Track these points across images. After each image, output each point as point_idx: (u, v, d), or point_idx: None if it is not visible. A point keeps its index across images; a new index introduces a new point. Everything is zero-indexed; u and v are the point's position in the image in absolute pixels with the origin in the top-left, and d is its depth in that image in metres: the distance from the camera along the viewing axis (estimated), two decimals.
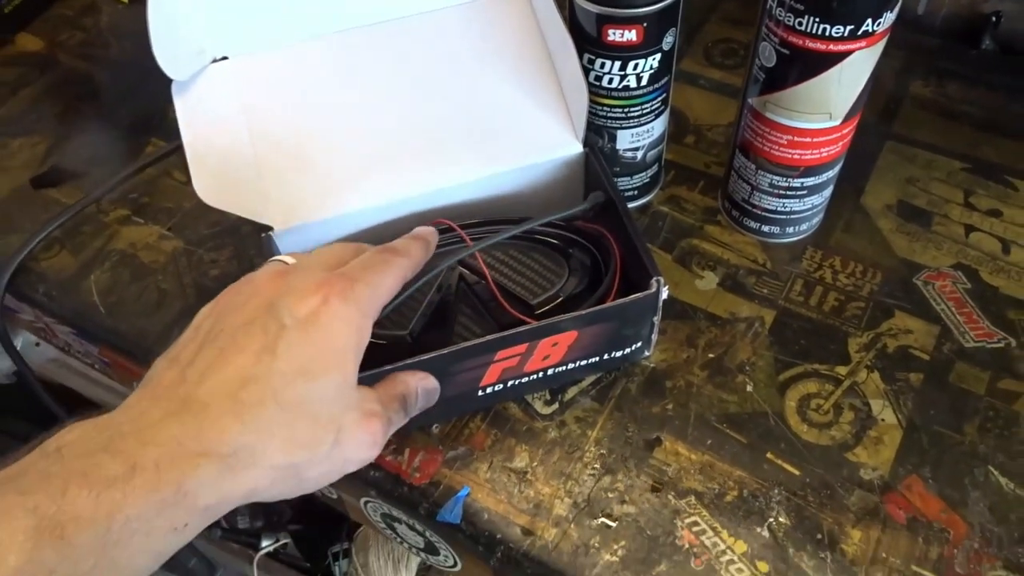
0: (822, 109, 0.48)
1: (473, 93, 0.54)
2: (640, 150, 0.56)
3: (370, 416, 0.38)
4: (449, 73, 0.54)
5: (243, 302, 0.37)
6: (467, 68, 0.54)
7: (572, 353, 0.49)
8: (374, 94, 0.53)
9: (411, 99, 0.53)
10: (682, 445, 0.49)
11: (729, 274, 0.57)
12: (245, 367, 0.34)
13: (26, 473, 0.30)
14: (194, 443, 0.32)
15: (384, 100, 0.53)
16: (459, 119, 0.53)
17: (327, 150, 0.52)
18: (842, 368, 0.52)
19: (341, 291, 0.37)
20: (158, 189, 0.64)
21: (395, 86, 0.54)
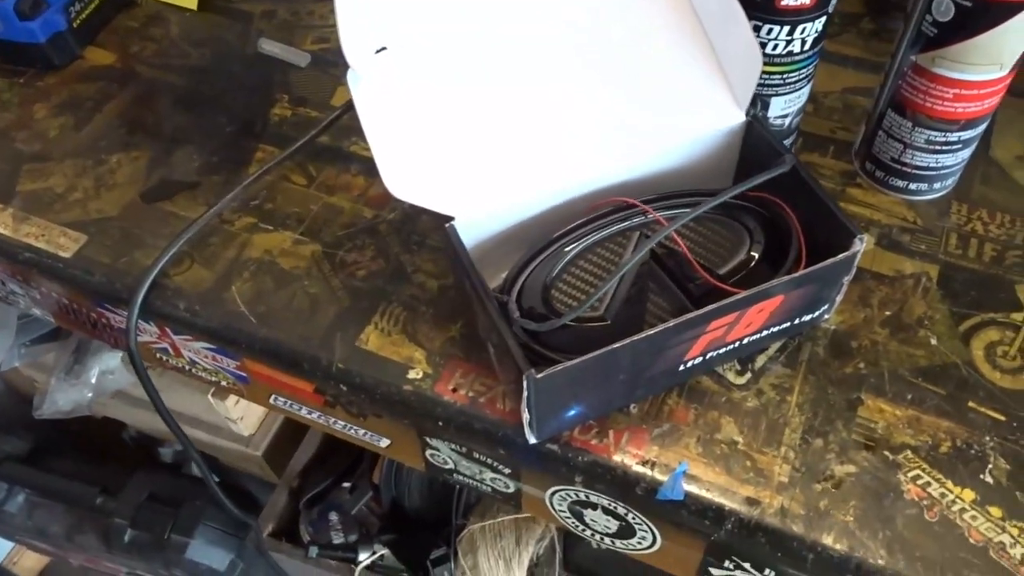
0: (995, 60, 0.49)
1: (633, 70, 0.53)
2: (789, 116, 0.56)
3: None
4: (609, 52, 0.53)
5: None
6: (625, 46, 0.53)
7: (772, 319, 0.49)
8: (540, 78, 0.52)
9: (570, 75, 0.53)
10: (884, 402, 0.49)
11: (884, 234, 0.57)
12: None
13: None
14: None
15: (545, 79, 0.52)
16: (624, 96, 0.53)
17: (499, 137, 0.51)
18: (1017, 315, 0.53)
19: None
20: (280, 194, 0.62)
21: (553, 63, 0.53)
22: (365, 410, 0.56)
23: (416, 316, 0.55)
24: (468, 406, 0.51)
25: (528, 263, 0.50)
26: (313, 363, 0.53)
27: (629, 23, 0.54)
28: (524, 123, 0.51)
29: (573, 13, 0.53)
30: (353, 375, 0.53)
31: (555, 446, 0.49)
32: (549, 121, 0.52)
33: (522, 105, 0.52)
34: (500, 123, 0.51)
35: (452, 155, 0.49)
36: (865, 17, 0.72)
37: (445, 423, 0.51)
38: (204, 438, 1.01)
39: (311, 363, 0.54)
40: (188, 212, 0.61)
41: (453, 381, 0.52)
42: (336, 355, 0.53)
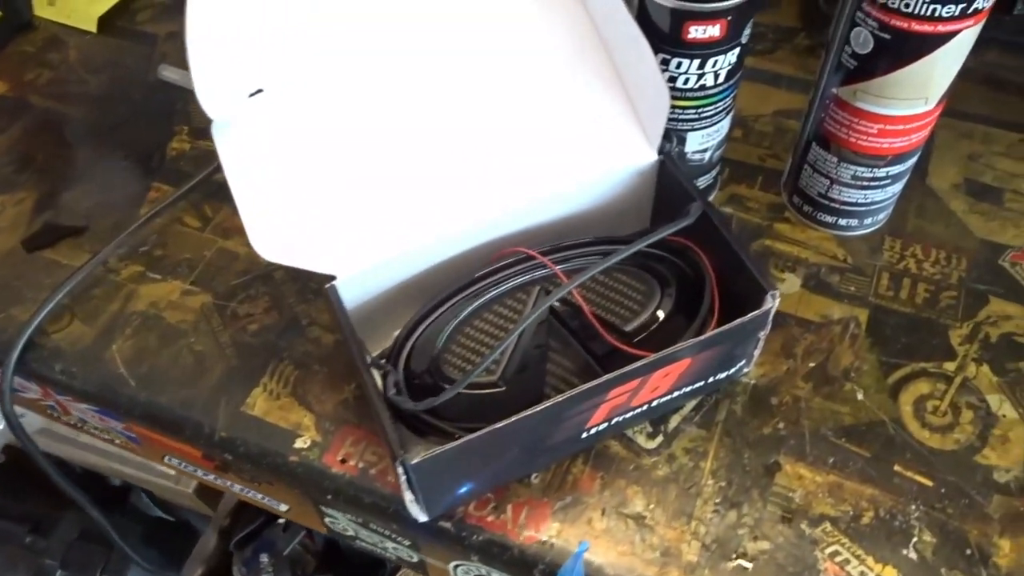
0: (919, 94, 0.45)
1: (531, 103, 0.49)
2: (708, 151, 0.52)
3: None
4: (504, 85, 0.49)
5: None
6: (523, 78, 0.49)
7: (681, 381, 0.45)
8: (424, 114, 0.48)
9: (469, 118, 0.48)
10: (803, 466, 0.46)
11: (811, 274, 0.54)
12: None
13: None
14: None
15: (435, 120, 0.48)
16: (523, 135, 0.49)
17: (382, 182, 0.47)
18: (950, 364, 0.49)
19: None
20: (171, 239, 0.58)
21: (448, 106, 0.48)
22: (256, 477, 0.52)
23: (308, 375, 0.51)
24: (358, 478, 0.47)
25: (419, 323, 0.46)
26: (195, 430, 0.49)
27: (529, 57, 0.49)
28: (413, 169, 0.47)
29: (465, 48, 0.49)
30: (237, 444, 0.49)
31: (448, 524, 0.45)
32: (442, 166, 0.48)
33: (410, 150, 0.47)
34: (385, 171, 0.47)
35: (330, 208, 0.45)
36: (801, 32, 0.68)
37: (335, 495, 0.47)
38: (136, 474, 0.97)
39: (193, 430, 0.50)
40: (72, 260, 0.57)
41: (343, 450, 0.48)
42: (219, 422, 0.49)
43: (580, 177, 0.49)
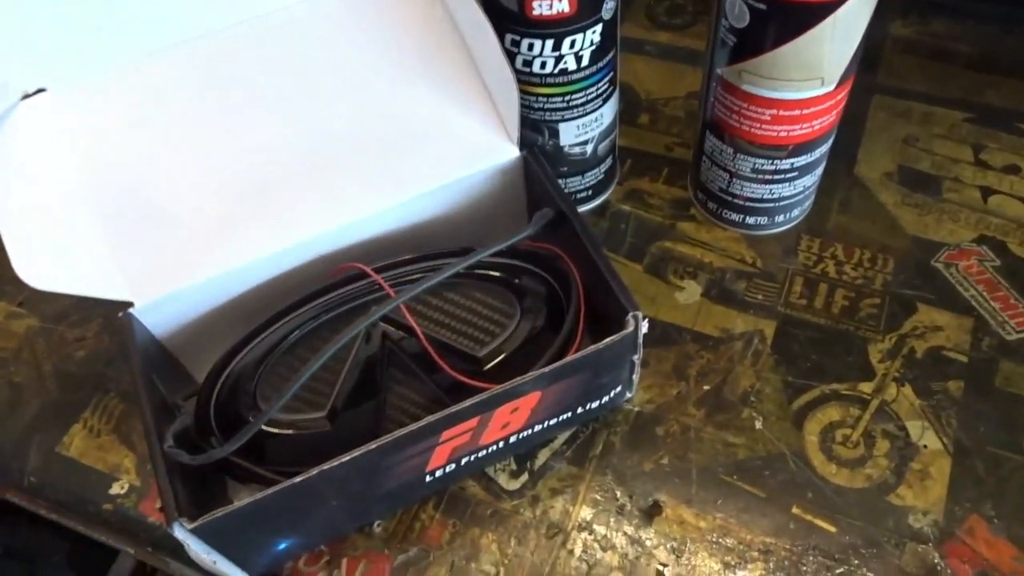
0: (812, 74, 0.38)
1: (377, 100, 0.43)
2: (589, 143, 0.46)
3: None
4: (342, 78, 0.43)
5: None
6: (364, 70, 0.43)
7: (537, 415, 0.39)
8: (246, 115, 0.41)
9: (295, 116, 0.42)
10: (687, 509, 0.39)
11: (714, 280, 0.47)
12: None
13: None
14: None
15: (260, 121, 0.42)
16: (364, 135, 0.42)
17: (193, 192, 0.40)
18: (866, 385, 0.43)
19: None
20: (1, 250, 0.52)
21: (273, 101, 0.42)
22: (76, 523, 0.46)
23: (133, 410, 0.45)
24: None
25: (234, 353, 0.40)
26: (5, 473, 0.44)
27: (369, 38, 0.43)
28: (228, 170, 0.41)
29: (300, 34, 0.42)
30: (47, 490, 0.43)
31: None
32: (265, 166, 0.41)
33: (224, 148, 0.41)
34: (194, 173, 0.41)
35: (126, 222, 0.39)
36: None
37: (154, 547, 0.42)
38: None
39: (2, 473, 0.44)
40: None
41: None
42: (29, 465, 0.43)
43: (434, 180, 0.42)
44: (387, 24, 0.43)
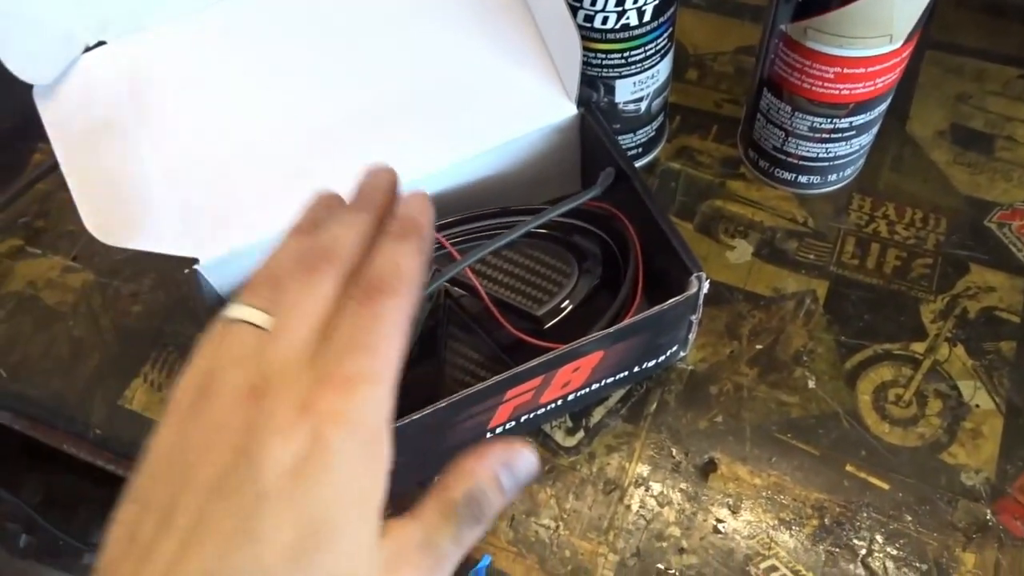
0: (881, 31, 0.38)
1: (435, 57, 0.42)
2: (644, 100, 0.45)
3: (407, 568, 0.27)
4: (400, 34, 0.42)
5: (205, 443, 0.25)
6: (422, 26, 0.42)
7: (597, 374, 0.39)
8: (305, 71, 0.41)
9: (354, 72, 0.42)
10: (741, 467, 0.40)
11: (765, 240, 0.47)
12: (217, 566, 0.23)
13: None
14: None
15: (319, 77, 0.41)
16: (421, 91, 0.42)
17: (255, 150, 0.40)
18: (918, 345, 0.43)
19: (335, 415, 0.24)
20: (54, 208, 0.52)
21: (331, 57, 0.42)
22: None
23: None
24: None
25: None
26: (69, 425, 0.45)
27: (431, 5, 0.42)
28: (290, 130, 0.41)
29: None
30: (113, 443, 0.44)
31: None
32: (326, 125, 0.41)
33: (285, 107, 0.41)
34: (257, 132, 0.40)
35: (191, 180, 0.39)
36: None
37: None
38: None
39: (67, 425, 0.45)
40: None
41: None
42: (93, 417, 0.44)
43: (493, 138, 0.42)
44: None
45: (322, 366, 0.25)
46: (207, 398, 0.25)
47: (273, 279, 0.28)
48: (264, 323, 0.26)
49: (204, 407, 0.25)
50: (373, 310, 0.27)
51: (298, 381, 0.25)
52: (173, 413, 0.26)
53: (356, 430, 0.24)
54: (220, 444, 0.24)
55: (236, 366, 0.26)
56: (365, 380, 0.25)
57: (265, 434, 0.24)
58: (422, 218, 0.30)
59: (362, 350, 0.26)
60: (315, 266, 0.27)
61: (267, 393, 0.25)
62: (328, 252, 0.28)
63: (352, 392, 0.25)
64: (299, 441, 0.24)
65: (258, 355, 0.26)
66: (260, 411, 0.24)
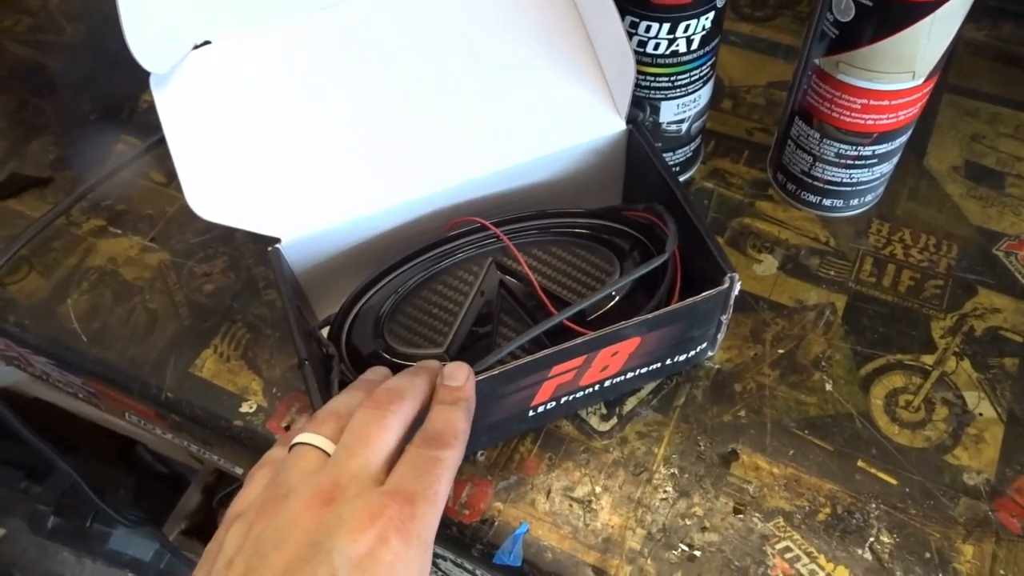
0: (905, 67, 0.42)
1: (495, 68, 0.47)
2: (685, 122, 0.50)
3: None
4: (466, 46, 0.47)
5: (282, 535, 0.29)
6: (486, 40, 0.47)
7: (633, 361, 0.43)
8: (383, 75, 0.46)
9: (425, 79, 0.46)
10: (761, 457, 0.44)
11: (789, 256, 0.51)
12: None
13: None
14: None
15: (395, 82, 0.46)
16: (483, 100, 0.46)
17: (334, 143, 0.45)
18: (928, 357, 0.47)
19: (401, 522, 0.29)
20: (135, 193, 0.57)
21: (406, 65, 0.46)
22: (205, 439, 0.51)
23: (259, 339, 0.49)
24: None
25: (364, 291, 0.44)
26: (143, 389, 0.49)
27: (495, 13, 0.47)
28: (369, 132, 0.45)
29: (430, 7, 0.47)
30: (183, 405, 0.48)
31: None
32: (400, 130, 0.46)
33: (367, 112, 0.45)
34: (340, 132, 0.45)
35: (278, 169, 0.44)
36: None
37: None
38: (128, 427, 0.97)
39: (141, 388, 0.49)
40: (36, 212, 0.56)
41: (288, 417, 0.46)
42: (167, 382, 0.48)
43: (545, 147, 0.46)
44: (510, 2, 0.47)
45: (389, 484, 0.30)
46: (279, 503, 0.30)
47: (338, 415, 0.33)
48: (330, 449, 0.32)
49: (278, 510, 0.30)
50: (432, 455, 0.32)
51: (368, 492, 0.30)
52: (241, 517, 0.30)
53: (413, 539, 0.29)
54: (295, 538, 0.28)
55: (309, 476, 0.31)
56: (426, 500, 0.30)
57: (338, 530, 0.28)
58: (468, 387, 0.36)
59: (423, 478, 0.31)
60: (380, 406, 0.33)
61: (339, 499, 0.29)
62: (394, 396, 0.34)
63: (414, 507, 0.30)
64: (367, 540, 0.28)
65: (331, 469, 0.31)
66: (332, 513, 0.29)
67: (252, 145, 0.43)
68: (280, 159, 0.44)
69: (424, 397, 0.35)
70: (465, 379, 0.36)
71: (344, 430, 0.32)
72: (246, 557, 0.29)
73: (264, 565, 0.28)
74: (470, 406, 0.36)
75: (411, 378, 0.36)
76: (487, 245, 0.45)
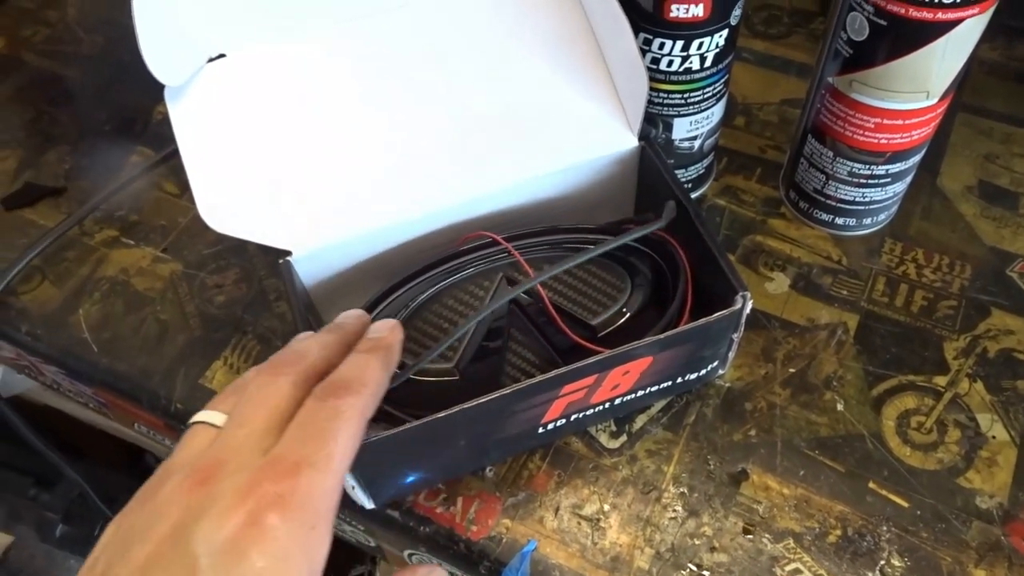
0: (920, 87, 0.42)
1: (509, 82, 0.47)
2: (698, 139, 0.50)
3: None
4: (479, 60, 0.47)
5: (148, 525, 0.25)
6: (500, 54, 0.47)
7: (644, 380, 0.43)
8: (395, 89, 0.46)
9: (439, 93, 0.46)
10: (771, 478, 0.43)
11: (801, 274, 0.51)
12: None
13: None
14: None
15: (407, 96, 0.46)
16: (495, 114, 0.46)
17: (346, 158, 0.45)
18: (940, 378, 0.46)
19: (278, 497, 0.25)
20: (148, 204, 0.57)
21: (418, 78, 0.46)
22: None
23: (270, 351, 0.49)
24: None
25: (375, 304, 0.44)
26: (152, 399, 0.49)
27: (508, 28, 0.47)
28: (380, 146, 0.45)
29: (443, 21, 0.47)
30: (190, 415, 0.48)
31: (397, 513, 0.44)
32: (411, 144, 0.46)
33: (379, 126, 0.46)
34: (352, 146, 0.45)
35: (290, 181, 0.44)
36: (819, 17, 0.65)
37: None
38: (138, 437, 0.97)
39: (151, 399, 0.49)
40: (50, 221, 0.57)
41: None
42: (176, 393, 0.48)
43: (557, 162, 0.46)
44: (524, 16, 0.47)
45: (272, 453, 0.26)
46: (156, 490, 0.26)
47: (239, 388, 0.30)
48: (222, 423, 0.28)
49: (152, 495, 0.26)
50: (329, 404, 0.28)
51: (246, 467, 0.26)
52: (127, 507, 0.27)
53: (295, 514, 0.25)
54: (160, 526, 0.25)
55: (189, 457, 0.27)
56: (312, 466, 0.26)
57: (203, 515, 0.24)
58: (390, 336, 0.33)
59: (313, 439, 0.27)
60: (276, 369, 0.29)
61: (213, 478, 0.26)
62: (289, 357, 0.30)
63: (295, 477, 0.25)
64: (234, 521, 0.24)
65: (215, 444, 0.27)
66: (205, 495, 0.25)
67: (265, 158, 0.43)
68: (292, 172, 0.44)
69: (335, 356, 0.31)
70: (389, 331, 0.33)
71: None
72: (108, 555, 0.26)
73: (123, 562, 0.25)
74: (389, 356, 0.32)
75: (321, 335, 0.32)
76: (498, 260, 0.45)
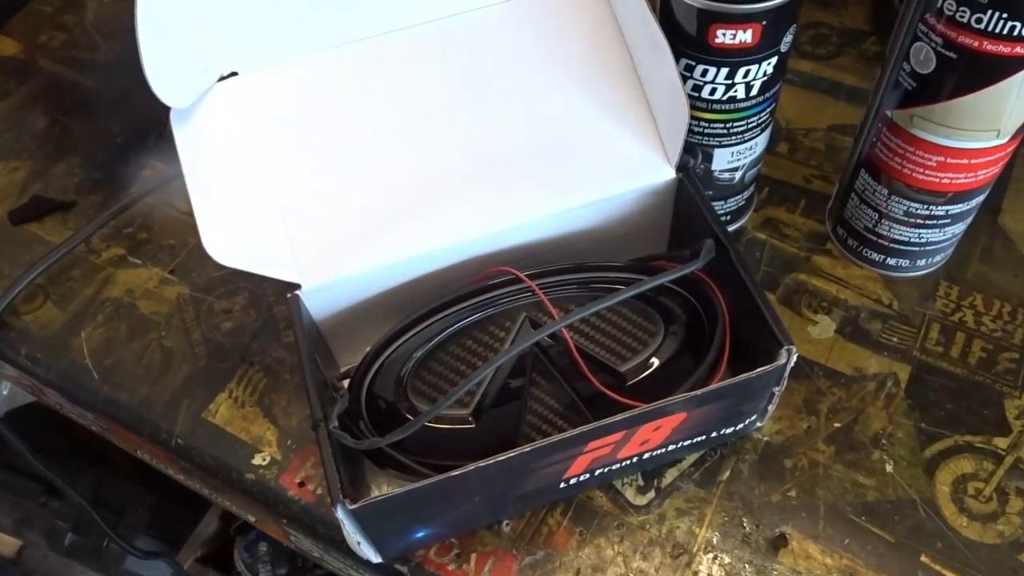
0: (990, 125, 0.38)
1: (539, 109, 0.44)
2: (739, 170, 0.46)
3: None
4: (508, 85, 0.44)
5: None
6: (530, 78, 0.44)
7: (676, 435, 0.39)
8: (417, 114, 0.43)
9: (463, 119, 0.43)
10: (813, 545, 0.40)
11: (849, 318, 0.47)
12: None
13: None
14: None
15: (430, 121, 0.43)
16: (523, 142, 0.43)
17: (362, 186, 0.42)
18: (1001, 440, 0.42)
19: None
20: (158, 222, 0.55)
21: (442, 103, 0.43)
22: (214, 488, 0.49)
23: (277, 385, 0.47)
24: (314, 505, 0.43)
25: (389, 343, 0.41)
26: (153, 432, 0.46)
27: (539, 51, 0.44)
28: (400, 174, 0.42)
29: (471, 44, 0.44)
30: (193, 453, 0.45)
31: (405, 568, 0.41)
32: (429, 167, 0.43)
33: (400, 154, 0.43)
34: (369, 174, 0.42)
35: (300, 211, 0.41)
36: (870, 37, 0.61)
37: (289, 520, 0.44)
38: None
39: (151, 432, 0.46)
40: (56, 237, 0.54)
41: (302, 472, 0.44)
42: (178, 427, 0.46)
43: (588, 194, 0.43)
44: (558, 39, 0.44)
45: None
46: None
47: None
48: None
49: None
50: None
51: None
52: None
53: None
54: None
55: None
56: None
57: None
58: None
59: None
60: None
61: None
62: None
63: None
64: None
65: None
66: None
67: (274, 184, 0.41)
68: (304, 200, 0.41)
69: None
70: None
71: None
72: None
73: None
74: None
75: None
76: (521, 298, 0.42)
